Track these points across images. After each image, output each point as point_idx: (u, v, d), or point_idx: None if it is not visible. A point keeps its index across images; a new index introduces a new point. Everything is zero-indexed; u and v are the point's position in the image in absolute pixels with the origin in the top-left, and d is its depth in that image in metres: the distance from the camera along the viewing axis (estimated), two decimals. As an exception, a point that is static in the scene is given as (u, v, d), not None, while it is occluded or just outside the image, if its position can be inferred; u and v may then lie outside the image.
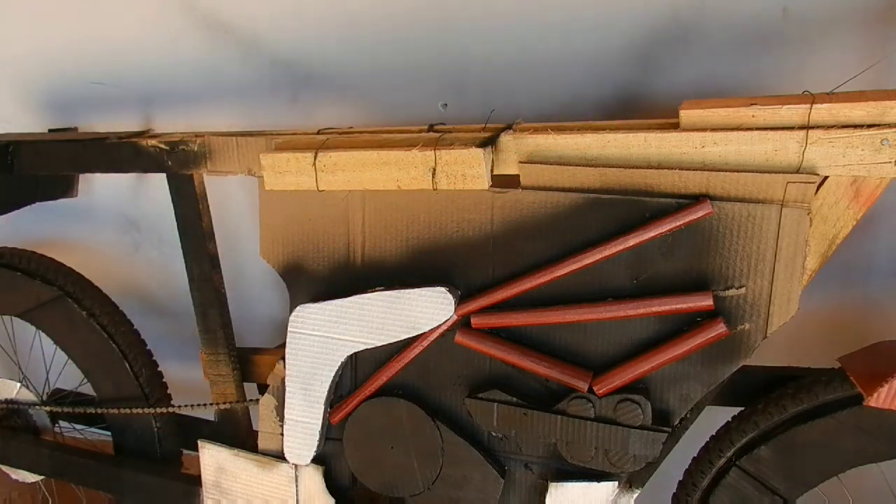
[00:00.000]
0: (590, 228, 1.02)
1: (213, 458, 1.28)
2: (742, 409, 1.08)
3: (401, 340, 1.12)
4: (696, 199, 0.96)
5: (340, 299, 1.12)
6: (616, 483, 1.10)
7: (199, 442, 1.28)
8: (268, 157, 1.05)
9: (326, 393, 1.16)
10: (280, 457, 1.23)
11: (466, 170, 0.98)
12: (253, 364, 1.29)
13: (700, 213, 0.96)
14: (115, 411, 1.33)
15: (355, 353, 1.15)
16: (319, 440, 1.20)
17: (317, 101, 1.36)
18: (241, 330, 1.27)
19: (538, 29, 1.19)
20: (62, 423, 1.55)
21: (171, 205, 1.17)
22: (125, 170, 1.18)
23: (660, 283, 1.01)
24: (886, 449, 0.99)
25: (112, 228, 1.65)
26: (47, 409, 1.47)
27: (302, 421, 1.20)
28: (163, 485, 1.34)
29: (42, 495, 1.75)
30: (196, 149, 1.13)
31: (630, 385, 1.04)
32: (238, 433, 1.29)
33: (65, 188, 1.56)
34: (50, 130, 1.48)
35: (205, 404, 1.28)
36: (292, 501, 1.25)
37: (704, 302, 0.98)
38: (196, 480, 1.31)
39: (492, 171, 1.00)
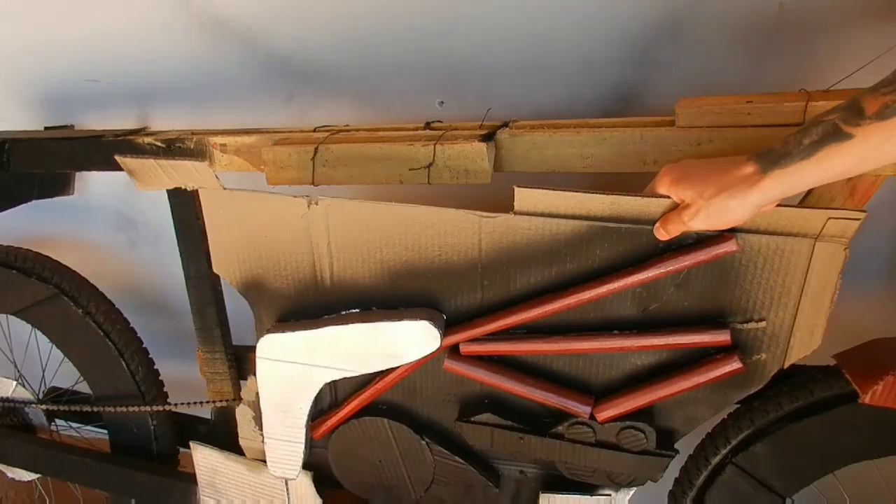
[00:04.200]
0: (595, 259, 0.95)
1: (205, 460, 1.28)
2: (738, 406, 1.08)
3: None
4: (720, 232, 0.90)
5: (312, 329, 1.04)
6: (611, 496, 1.09)
7: (191, 444, 1.28)
8: (269, 152, 1.04)
9: (307, 415, 1.13)
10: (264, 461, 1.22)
11: (469, 165, 0.97)
12: (249, 362, 1.29)
13: (723, 251, 0.90)
14: (112, 409, 1.33)
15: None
16: (304, 453, 1.17)
17: (313, 99, 1.36)
18: (238, 328, 1.26)
19: (535, 27, 1.19)
20: (58, 422, 1.55)
21: (168, 203, 1.16)
22: (121, 168, 1.18)
23: (671, 315, 0.96)
24: (882, 446, 0.99)
25: (108, 226, 1.65)
26: (43, 407, 1.47)
27: (284, 441, 1.16)
28: (159, 483, 1.34)
29: (39, 494, 1.75)
30: (192, 147, 1.13)
31: (634, 412, 1.00)
32: (235, 431, 1.29)
33: (61, 186, 1.56)
34: (46, 128, 1.48)
35: (201, 402, 1.28)
36: (284, 502, 1.26)
37: (721, 338, 0.94)
38: (193, 478, 1.31)
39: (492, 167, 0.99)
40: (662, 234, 0.91)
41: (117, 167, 1.18)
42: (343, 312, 1.06)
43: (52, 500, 1.75)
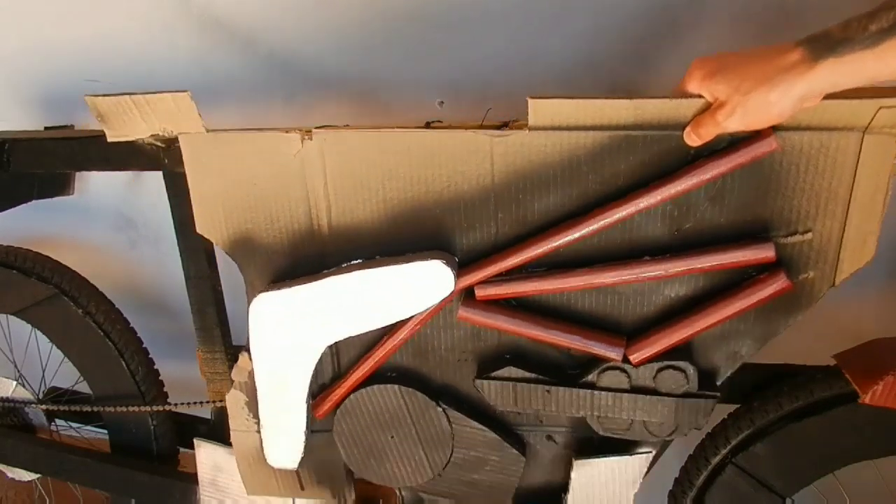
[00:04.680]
0: (619, 174, 0.85)
1: (209, 457, 1.28)
2: (738, 406, 1.08)
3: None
4: (757, 131, 0.80)
5: (308, 283, 0.94)
6: (652, 453, 1.01)
7: (195, 440, 1.28)
8: None
9: (307, 389, 1.03)
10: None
11: None
12: (249, 362, 1.29)
13: (762, 151, 0.80)
14: (112, 409, 1.33)
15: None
16: (306, 440, 1.08)
17: (313, 99, 1.36)
18: (238, 328, 1.26)
19: (534, 27, 1.19)
20: (58, 422, 1.55)
21: (168, 202, 1.16)
22: (121, 168, 1.18)
23: (707, 233, 0.86)
24: (882, 446, 0.99)
25: (108, 226, 1.65)
26: (43, 407, 1.47)
27: (281, 423, 1.05)
28: (159, 483, 1.33)
29: (39, 494, 1.75)
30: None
31: (671, 349, 0.91)
32: (235, 431, 1.29)
33: (61, 186, 1.56)
34: (46, 128, 1.48)
35: (201, 402, 1.28)
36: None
37: (765, 254, 0.84)
38: (193, 478, 1.31)
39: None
40: (694, 138, 0.81)
41: (117, 167, 1.18)
42: (344, 265, 0.95)
43: (52, 500, 1.75)
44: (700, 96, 0.80)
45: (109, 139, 0.99)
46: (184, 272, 1.19)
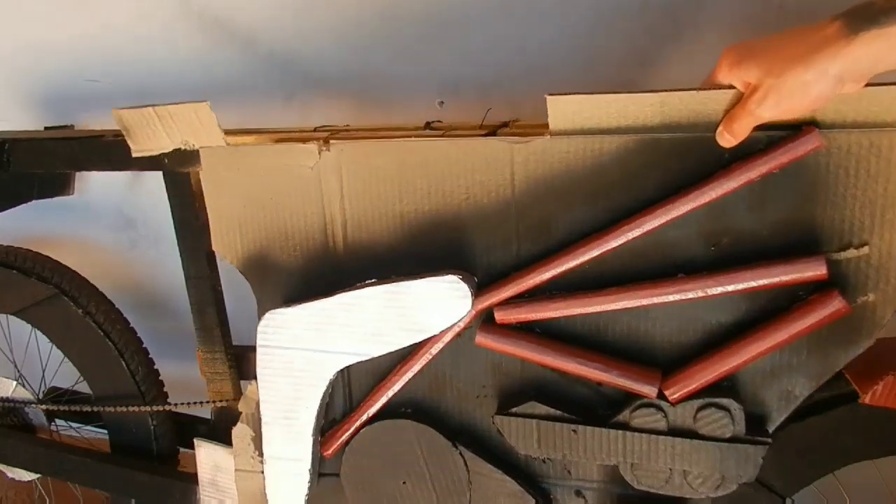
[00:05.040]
0: (648, 182, 0.78)
1: (209, 457, 1.28)
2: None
3: (404, 347, 0.89)
4: (798, 127, 0.73)
5: (321, 300, 0.89)
6: None
7: (195, 440, 1.27)
8: None
9: (315, 420, 0.95)
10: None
11: None
12: (250, 362, 1.29)
13: (804, 149, 0.72)
14: (112, 409, 1.33)
15: (347, 367, 0.94)
16: (311, 481, 0.97)
17: (313, 99, 1.36)
18: (238, 328, 1.26)
19: (534, 27, 1.19)
20: (58, 422, 1.55)
21: (168, 202, 1.16)
22: (121, 168, 1.18)
23: (747, 248, 0.78)
24: (882, 446, 0.99)
25: (108, 226, 1.65)
26: (43, 407, 1.47)
27: (286, 458, 0.97)
28: (159, 483, 1.33)
29: (39, 494, 1.75)
30: (192, 147, 1.12)
31: (712, 384, 0.80)
32: (235, 431, 1.29)
33: (61, 186, 1.55)
34: (46, 128, 1.48)
35: (201, 402, 1.28)
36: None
37: (815, 271, 0.74)
38: (193, 478, 1.31)
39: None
40: (727, 137, 0.74)
41: (117, 167, 1.18)
42: (357, 284, 0.90)
43: (52, 500, 1.75)
44: (731, 87, 0.73)
45: (134, 155, 0.99)
46: (184, 272, 1.19)
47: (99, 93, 1.47)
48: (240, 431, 1.04)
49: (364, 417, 0.95)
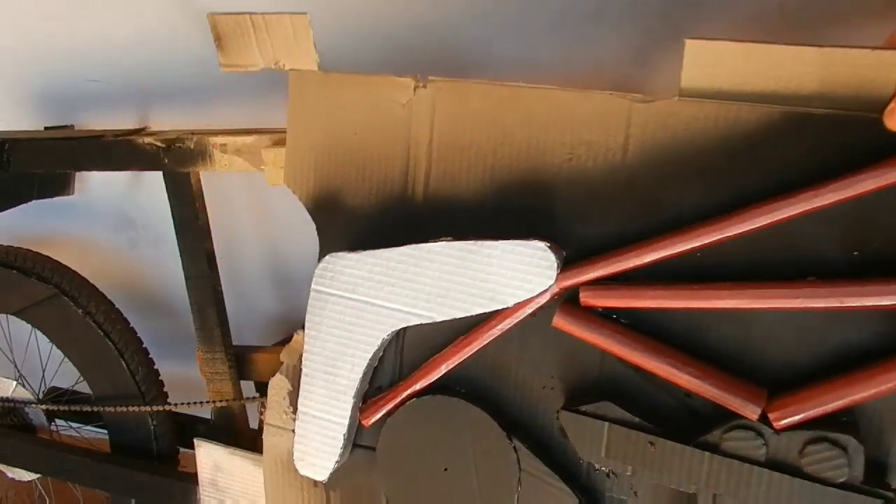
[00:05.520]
0: (787, 162, 0.67)
1: (209, 457, 1.28)
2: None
3: (471, 316, 0.78)
4: None
5: (389, 249, 0.81)
6: None
7: (195, 440, 1.28)
8: (269, 152, 1.04)
9: (359, 382, 0.86)
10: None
11: None
12: (250, 362, 1.29)
13: None
14: (112, 409, 1.33)
15: (404, 329, 0.84)
16: (343, 445, 0.88)
17: (313, 99, 1.36)
18: (238, 328, 1.26)
19: (535, 27, 1.19)
20: (58, 422, 1.55)
21: (168, 202, 1.16)
22: (121, 168, 1.18)
23: (894, 258, 0.65)
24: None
25: (108, 226, 1.65)
26: (43, 407, 1.47)
27: (321, 417, 0.88)
28: (159, 483, 1.33)
29: (39, 494, 1.75)
30: (192, 147, 1.13)
31: (829, 416, 0.66)
32: (235, 431, 1.29)
33: (61, 186, 1.56)
34: (46, 128, 1.48)
35: (201, 402, 1.28)
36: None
37: None
38: (193, 478, 1.31)
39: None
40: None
41: (117, 167, 1.18)
42: (432, 240, 0.81)
43: (52, 500, 1.75)
44: None
45: (223, 69, 0.89)
46: (184, 272, 1.19)
47: (99, 93, 1.47)
48: (277, 383, 0.95)
49: (412, 389, 0.84)
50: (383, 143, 0.83)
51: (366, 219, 0.85)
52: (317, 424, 0.88)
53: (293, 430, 0.91)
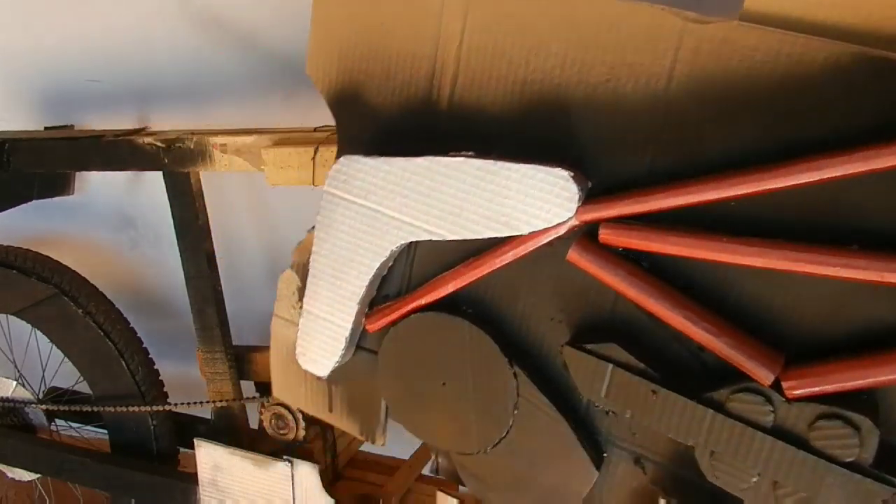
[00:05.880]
0: (851, 113, 0.60)
1: (209, 457, 1.28)
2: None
3: (484, 239, 0.75)
4: None
5: (406, 159, 0.76)
6: None
7: (195, 440, 1.28)
8: (269, 152, 1.04)
9: (365, 289, 0.84)
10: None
11: None
12: (250, 362, 1.29)
13: None
14: (112, 409, 1.33)
15: (415, 242, 0.81)
16: (345, 348, 0.88)
17: (313, 99, 1.35)
18: (238, 327, 1.26)
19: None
20: (58, 422, 1.55)
21: (168, 202, 1.16)
22: (121, 168, 1.18)
23: None
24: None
25: (108, 226, 1.65)
26: (43, 407, 1.47)
27: (325, 319, 0.87)
28: (159, 483, 1.33)
29: (39, 494, 1.75)
30: (192, 147, 1.13)
31: (847, 393, 0.63)
32: (235, 431, 1.29)
33: (61, 186, 1.56)
34: (46, 128, 1.48)
35: (201, 402, 1.28)
36: (290, 500, 1.25)
37: None
38: (193, 478, 1.31)
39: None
40: None
41: (117, 167, 1.18)
42: (452, 152, 0.76)
43: (52, 500, 1.75)
44: None
45: None
46: (184, 272, 1.19)
47: (99, 93, 1.47)
48: (287, 277, 0.93)
49: (419, 303, 0.83)
50: (411, 40, 0.76)
51: (386, 120, 0.80)
52: (320, 325, 0.87)
53: (298, 325, 0.91)
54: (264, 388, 1.30)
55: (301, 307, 0.90)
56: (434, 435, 0.87)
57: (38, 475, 1.51)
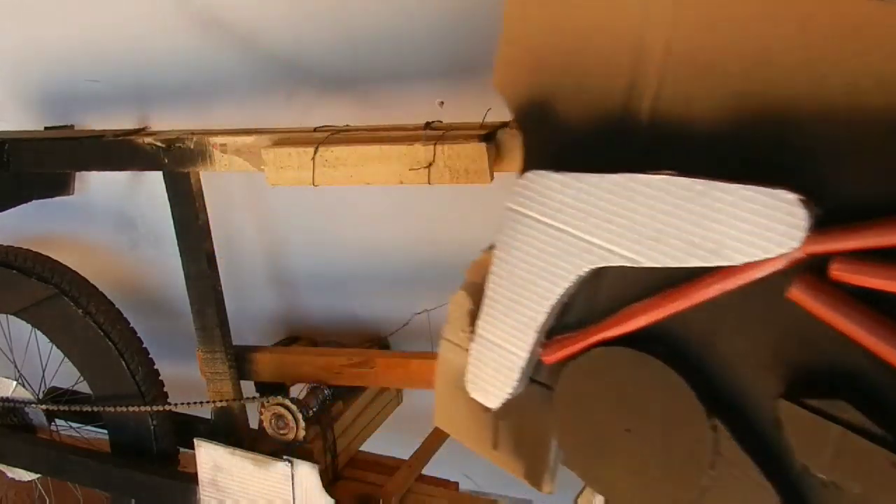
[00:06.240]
0: None
1: (209, 457, 1.28)
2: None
3: (685, 268, 0.67)
4: None
5: (601, 175, 0.69)
6: None
7: (195, 440, 1.28)
8: (269, 152, 1.04)
9: (545, 316, 0.77)
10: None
11: (469, 164, 0.95)
12: (249, 362, 1.29)
13: None
14: (112, 409, 1.33)
15: (605, 268, 0.73)
16: (519, 379, 0.81)
17: (313, 99, 1.36)
18: (238, 328, 1.26)
19: (535, 27, 1.19)
20: (58, 422, 1.55)
21: (168, 202, 1.16)
22: (121, 168, 1.18)
23: None
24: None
25: (108, 226, 1.65)
26: (43, 407, 1.47)
27: (499, 345, 0.81)
28: (159, 483, 1.33)
29: (39, 494, 1.75)
30: (192, 147, 1.13)
31: None
32: (235, 431, 1.29)
33: (61, 186, 1.56)
34: (46, 128, 1.48)
35: (201, 402, 1.28)
36: (290, 500, 1.25)
37: None
38: (193, 478, 1.31)
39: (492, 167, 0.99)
40: None
41: (117, 167, 1.18)
42: (651, 171, 0.68)
43: (52, 500, 1.75)
44: None
45: None
46: (184, 272, 1.19)
47: (99, 93, 1.47)
48: (459, 299, 0.87)
49: (603, 336, 0.75)
50: (609, 49, 0.69)
51: (579, 133, 0.73)
52: (494, 351, 0.82)
53: (468, 350, 0.85)
54: (264, 388, 1.31)
55: (472, 331, 0.84)
56: (610, 488, 0.77)
57: (38, 475, 1.51)
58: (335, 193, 1.42)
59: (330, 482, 1.31)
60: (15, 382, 1.49)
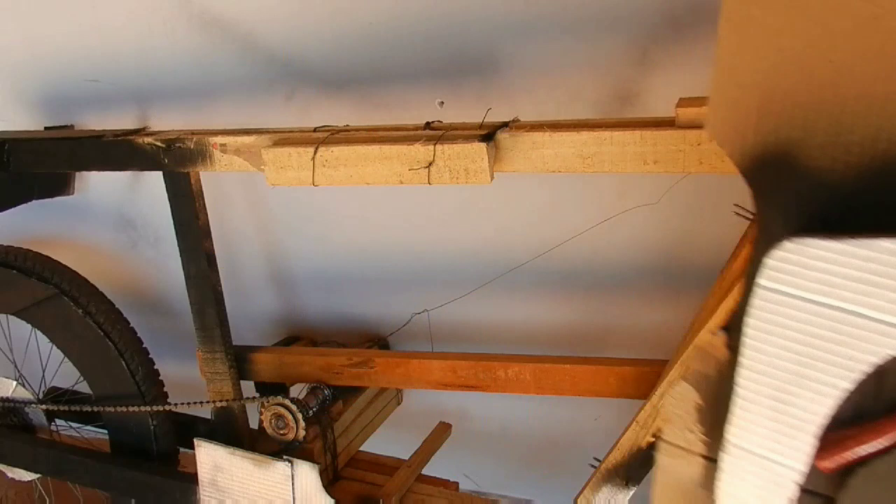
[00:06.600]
0: None
1: (209, 457, 1.28)
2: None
3: None
4: None
5: (889, 238, 0.57)
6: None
7: (195, 440, 1.28)
8: (269, 152, 1.04)
9: (824, 417, 0.65)
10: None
11: (469, 164, 0.96)
12: (249, 362, 1.29)
13: None
14: (112, 409, 1.33)
15: None
16: (794, 495, 0.69)
17: (313, 99, 1.36)
18: (238, 328, 1.26)
19: (535, 27, 1.19)
20: (58, 422, 1.55)
21: (168, 202, 1.16)
22: (121, 168, 1.18)
23: None
24: None
25: (108, 226, 1.65)
26: (43, 407, 1.47)
27: (763, 456, 0.68)
28: (159, 483, 1.33)
29: (39, 494, 1.75)
30: (192, 147, 1.13)
31: None
32: (235, 431, 1.29)
33: (61, 186, 1.56)
34: (46, 128, 1.48)
35: (201, 402, 1.28)
36: (290, 500, 1.25)
37: None
38: (193, 478, 1.31)
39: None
40: None
41: (117, 167, 1.18)
42: None
43: (52, 500, 1.75)
44: None
45: None
46: (184, 272, 1.19)
47: (99, 93, 1.47)
48: (681, 393, 0.74)
49: None
50: (879, 79, 0.55)
51: (840, 189, 0.60)
52: (757, 464, 0.69)
53: (701, 455, 0.74)
54: (264, 388, 1.31)
55: (702, 433, 0.73)
56: None
57: (38, 475, 1.51)
58: (335, 193, 1.42)
59: (330, 482, 1.31)
60: (15, 382, 1.49)
